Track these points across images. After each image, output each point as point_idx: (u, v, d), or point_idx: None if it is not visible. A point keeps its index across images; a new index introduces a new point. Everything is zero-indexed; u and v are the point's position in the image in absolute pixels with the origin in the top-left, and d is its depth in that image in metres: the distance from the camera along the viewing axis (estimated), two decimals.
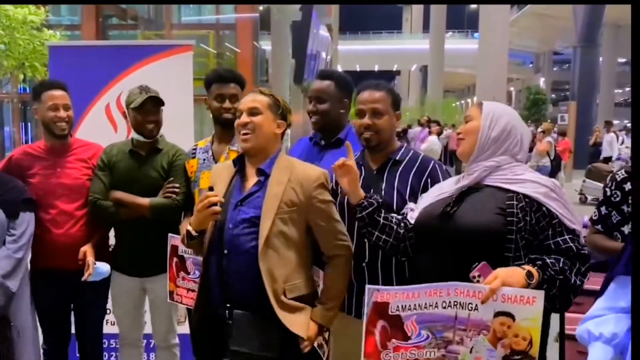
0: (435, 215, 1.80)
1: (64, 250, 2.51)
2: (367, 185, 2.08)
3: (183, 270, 2.47)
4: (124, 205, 2.55)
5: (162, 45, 3.36)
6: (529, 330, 1.50)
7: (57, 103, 2.56)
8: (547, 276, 1.59)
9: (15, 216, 2.40)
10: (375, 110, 2.09)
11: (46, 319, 2.64)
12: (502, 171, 1.78)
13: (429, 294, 1.57)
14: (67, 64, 3.18)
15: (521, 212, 1.67)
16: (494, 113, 1.82)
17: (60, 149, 2.63)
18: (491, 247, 1.66)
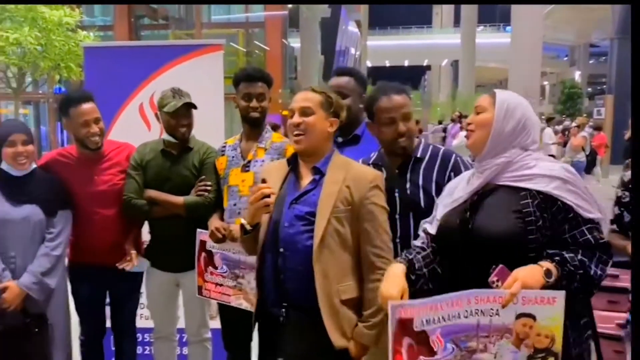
0: (453, 227, 1.75)
1: (105, 250, 2.58)
2: (391, 187, 2.05)
3: (211, 265, 2.51)
4: (157, 204, 2.61)
5: (193, 45, 3.40)
6: (550, 329, 1.50)
7: (88, 119, 2.55)
8: (566, 271, 1.56)
9: (53, 214, 2.48)
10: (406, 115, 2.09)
11: (83, 311, 2.73)
12: (512, 167, 1.71)
13: (451, 305, 1.56)
14: (101, 64, 3.24)
15: (538, 210, 1.63)
16: (508, 104, 1.74)
17: (94, 158, 2.65)
18: (513, 251, 1.62)
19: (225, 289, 2.48)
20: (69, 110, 2.56)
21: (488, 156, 1.74)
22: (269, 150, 2.50)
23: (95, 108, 2.59)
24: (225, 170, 2.57)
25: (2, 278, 2.36)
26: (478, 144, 1.77)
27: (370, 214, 1.88)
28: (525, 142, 1.74)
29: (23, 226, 2.41)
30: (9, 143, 2.40)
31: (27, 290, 2.37)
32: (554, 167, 1.70)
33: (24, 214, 2.41)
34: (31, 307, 2.41)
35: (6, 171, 2.44)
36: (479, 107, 1.80)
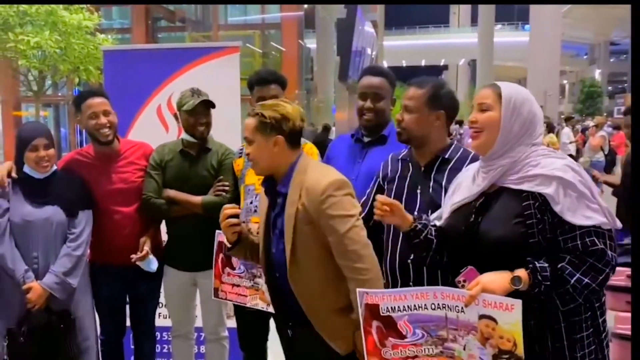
0: (459, 230, 1.77)
1: (125, 249, 2.61)
2: (414, 183, 2.06)
3: (229, 266, 2.51)
4: (175, 203, 2.64)
5: (210, 47, 3.43)
6: (511, 333, 1.54)
7: (96, 111, 2.60)
8: (537, 280, 1.57)
9: (74, 215, 2.53)
10: (407, 107, 2.06)
11: (104, 310, 2.77)
12: (517, 167, 1.68)
13: (416, 297, 1.65)
14: (120, 67, 3.29)
15: (539, 212, 1.62)
16: (514, 101, 1.68)
17: (111, 155, 2.69)
18: (516, 255, 1.63)
19: (242, 289, 2.49)
20: (81, 105, 2.63)
21: (494, 156, 1.72)
22: None
23: (105, 102, 2.64)
24: (242, 170, 2.60)
25: (26, 279, 2.41)
26: (486, 145, 1.72)
27: (329, 227, 1.83)
28: (531, 138, 1.71)
29: (45, 227, 2.46)
30: (32, 148, 2.44)
31: (49, 290, 2.42)
32: (556, 164, 1.64)
33: (45, 215, 2.46)
34: (55, 305, 2.46)
35: (28, 174, 2.49)
36: (483, 104, 1.72)
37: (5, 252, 2.40)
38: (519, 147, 1.69)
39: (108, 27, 15.82)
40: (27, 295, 2.39)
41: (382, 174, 2.20)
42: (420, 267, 2.01)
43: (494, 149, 1.71)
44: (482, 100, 1.73)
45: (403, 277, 2.05)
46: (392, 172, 2.16)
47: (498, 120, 1.69)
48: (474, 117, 1.75)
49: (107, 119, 2.61)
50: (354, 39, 20.55)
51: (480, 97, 1.76)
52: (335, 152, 2.64)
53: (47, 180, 2.51)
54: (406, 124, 2.05)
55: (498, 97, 1.70)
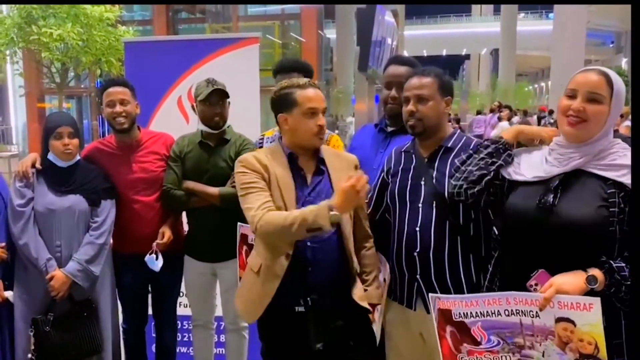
0: (532, 206, 1.66)
1: (147, 238, 2.64)
2: (418, 174, 2.05)
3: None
4: (195, 195, 2.66)
5: (230, 38, 3.43)
6: (591, 335, 1.48)
7: (113, 99, 2.64)
8: (614, 280, 1.52)
9: (97, 204, 2.57)
10: (420, 96, 2.03)
11: (126, 299, 2.81)
12: (602, 154, 1.63)
13: (488, 303, 1.61)
14: (141, 59, 3.31)
15: (623, 202, 1.56)
16: (621, 96, 1.61)
17: (132, 144, 2.74)
18: (592, 241, 1.57)
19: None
20: (103, 94, 2.69)
21: (585, 144, 1.65)
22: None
23: (125, 91, 2.67)
24: None
25: (49, 268, 2.45)
26: (587, 136, 1.64)
27: None
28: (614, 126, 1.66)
29: (68, 216, 2.50)
30: (57, 135, 2.49)
31: (72, 277, 2.46)
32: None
33: (68, 203, 2.50)
34: (77, 294, 2.51)
35: (52, 161, 2.54)
36: (595, 94, 1.62)
37: (29, 241, 2.44)
38: (607, 137, 1.65)
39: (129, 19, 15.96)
40: (50, 283, 2.44)
41: (386, 167, 2.18)
42: (426, 260, 1.99)
43: (593, 140, 1.64)
44: (595, 90, 1.62)
45: (410, 270, 2.04)
46: (396, 166, 2.15)
47: (607, 115, 1.62)
48: (581, 105, 1.62)
49: (123, 108, 2.65)
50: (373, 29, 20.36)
51: (592, 85, 1.63)
52: (359, 141, 2.63)
53: (71, 169, 2.55)
54: (423, 114, 2.02)
55: (610, 90, 1.62)
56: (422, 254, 2.00)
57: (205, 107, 2.64)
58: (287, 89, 2.03)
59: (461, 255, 1.98)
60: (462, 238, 1.98)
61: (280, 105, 2.04)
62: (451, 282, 1.98)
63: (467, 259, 1.98)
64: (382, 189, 2.18)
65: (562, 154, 1.68)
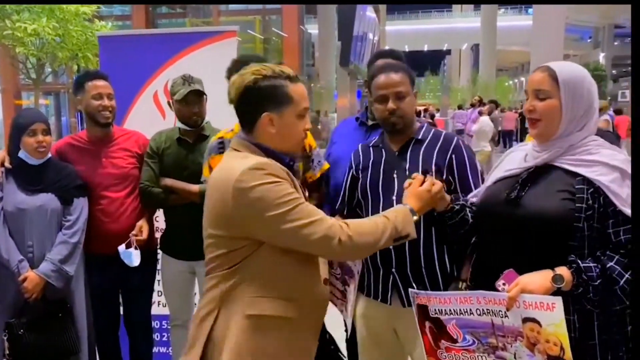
0: (500, 199, 1.68)
1: (116, 238, 2.58)
2: (390, 167, 2.02)
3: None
4: (173, 192, 2.60)
5: (207, 32, 3.37)
6: (556, 336, 1.46)
7: (101, 92, 2.60)
8: (581, 280, 1.50)
9: (69, 202, 2.50)
10: (399, 94, 1.99)
11: (97, 301, 2.72)
12: (574, 150, 1.62)
13: (460, 301, 1.60)
14: (116, 53, 3.24)
15: (591, 198, 1.55)
16: (573, 83, 1.61)
17: (104, 139, 2.69)
18: (558, 235, 1.56)
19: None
20: (85, 84, 2.62)
21: (553, 140, 1.65)
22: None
23: (110, 86, 2.65)
24: None
25: (21, 269, 2.38)
26: (546, 134, 1.65)
27: None
28: (590, 122, 1.64)
29: (39, 215, 2.43)
30: (30, 132, 2.42)
31: (46, 278, 2.39)
32: (618, 157, 1.59)
33: (39, 202, 2.43)
34: (51, 295, 2.44)
35: (23, 159, 2.46)
36: (541, 91, 1.63)
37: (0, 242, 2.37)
38: (579, 133, 1.63)
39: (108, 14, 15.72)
40: (23, 285, 2.36)
41: (354, 163, 2.15)
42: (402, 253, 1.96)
43: (555, 137, 1.64)
44: (538, 87, 1.63)
45: (385, 264, 2.01)
46: (365, 160, 2.11)
47: (559, 108, 1.61)
48: (532, 105, 1.64)
49: (111, 102, 2.63)
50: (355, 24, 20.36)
51: (535, 83, 1.65)
52: (340, 135, 2.61)
53: (42, 167, 2.49)
54: (403, 111, 1.99)
55: (555, 82, 1.61)
56: (398, 247, 1.95)
57: (182, 106, 2.59)
58: (273, 80, 1.58)
59: (435, 247, 1.97)
60: (436, 229, 1.97)
61: (264, 101, 1.58)
62: (426, 273, 1.96)
63: (441, 250, 1.97)
64: (353, 185, 2.14)
65: (537, 150, 1.70)
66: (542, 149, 1.68)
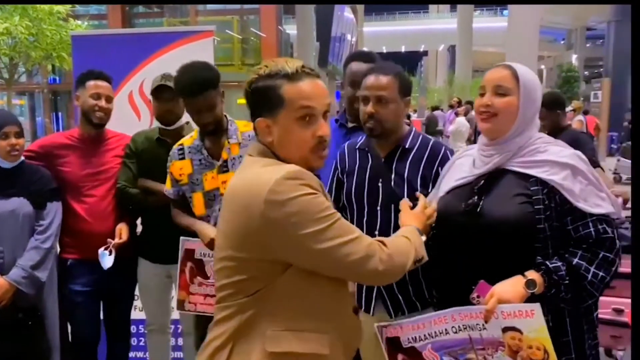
0: (458, 210, 1.67)
1: (99, 240, 2.53)
2: (375, 175, 1.99)
3: (200, 275, 2.38)
4: (151, 193, 2.56)
5: (183, 32, 3.34)
6: (539, 341, 1.47)
7: (100, 92, 2.58)
8: (552, 281, 1.52)
9: (42, 206, 2.44)
10: (381, 97, 1.91)
11: (76, 306, 2.67)
12: (523, 151, 1.64)
13: (434, 323, 1.58)
14: (89, 53, 3.19)
15: (547, 198, 1.57)
16: (531, 86, 1.64)
17: (96, 139, 2.66)
18: (521, 239, 1.58)
19: None
20: (87, 81, 2.59)
21: (502, 141, 1.66)
22: (243, 143, 2.35)
23: (111, 88, 2.65)
24: (190, 176, 2.36)
25: None
26: (499, 130, 1.65)
27: None
28: (535, 122, 1.67)
29: (11, 220, 2.37)
30: (3, 135, 2.36)
31: (16, 284, 2.33)
32: (565, 152, 1.62)
33: (12, 207, 2.37)
34: (22, 302, 2.37)
35: None
36: (501, 86, 1.64)
37: None
38: (526, 133, 1.65)
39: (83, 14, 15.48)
40: None
41: (340, 166, 2.11)
42: None
43: (508, 134, 1.65)
44: (500, 83, 1.64)
45: None
46: (351, 164, 2.07)
47: (517, 105, 1.63)
48: (489, 99, 1.65)
49: (108, 105, 2.60)
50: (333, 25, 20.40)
51: (496, 79, 1.66)
52: None
53: (15, 171, 2.43)
54: (382, 117, 1.92)
55: (516, 81, 1.64)
56: None
57: (155, 102, 2.57)
58: (268, 80, 1.38)
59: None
60: None
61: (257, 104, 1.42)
62: (410, 282, 1.94)
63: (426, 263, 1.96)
64: (338, 187, 2.12)
65: (485, 155, 1.70)
66: (489, 153, 1.68)
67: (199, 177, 2.35)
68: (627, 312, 2.84)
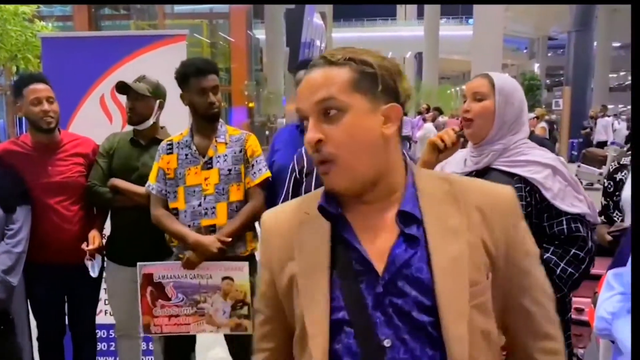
0: None
1: (60, 248, 2.51)
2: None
3: (162, 298, 2.39)
4: (121, 193, 2.56)
5: (156, 35, 3.34)
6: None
7: (40, 96, 2.50)
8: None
9: (12, 210, 2.40)
10: None
11: (42, 311, 2.64)
12: (508, 152, 1.76)
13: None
14: (59, 55, 3.15)
15: (529, 195, 1.69)
16: (507, 91, 1.76)
17: (49, 145, 2.58)
18: None
19: (182, 318, 2.36)
20: (23, 90, 2.51)
21: (486, 143, 1.77)
22: (229, 144, 2.42)
23: (49, 89, 2.55)
24: (176, 170, 2.41)
25: None
26: (479, 134, 1.77)
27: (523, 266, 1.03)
28: (520, 126, 1.78)
29: None
30: None
31: None
32: (547, 155, 1.75)
33: None
34: None
35: None
36: (478, 93, 1.77)
37: None
38: (510, 136, 1.76)
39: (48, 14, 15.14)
40: None
41: (298, 167, 2.16)
42: None
43: (488, 137, 1.76)
44: (477, 90, 1.78)
45: None
46: (309, 165, 2.13)
47: (492, 110, 1.75)
48: (468, 106, 1.78)
49: (52, 107, 2.52)
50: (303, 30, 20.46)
51: (474, 87, 1.79)
52: (281, 143, 2.60)
53: None
54: None
55: (492, 87, 1.76)
56: None
57: (127, 102, 2.60)
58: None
59: None
60: None
61: None
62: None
63: None
64: (296, 188, 2.15)
65: (474, 155, 1.82)
66: (478, 153, 1.80)
67: (182, 171, 2.40)
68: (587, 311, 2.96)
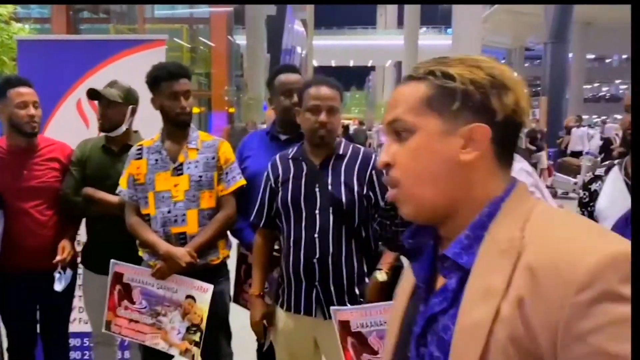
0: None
1: (33, 254, 2.45)
2: (312, 181, 2.05)
3: (127, 299, 2.35)
4: (95, 203, 2.52)
5: (135, 40, 3.31)
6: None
7: (27, 100, 2.46)
8: None
9: None
10: (332, 108, 2.03)
11: (13, 319, 2.58)
12: None
13: (379, 312, 1.73)
14: (36, 58, 3.10)
15: None
16: None
17: (27, 149, 2.54)
18: None
19: (141, 326, 2.33)
20: (7, 91, 2.46)
21: None
22: (201, 150, 2.37)
23: (35, 93, 2.51)
24: (146, 175, 2.36)
25: None
26: None
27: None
28: None
29: None
30: None
31: None
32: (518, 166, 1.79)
33: None
34: None
35: None
36: None
37: None
38: None
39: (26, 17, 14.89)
40: None
41: (273, 176, 2.14)
42: (325, 266, 2.01)
43: None
44: None
45: (307, 278, 2.03)
46: (285, 173, 2.12)
47: None
48: None
49: (37, 112, 2.48)
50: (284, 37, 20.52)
51: None
52: (250, 150, 2.56)
53: None
54: (333, 126, 2.05)
55: None
56: (322, 260, 2.00)
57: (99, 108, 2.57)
58: None
59: (355, 258, 2.03)
60: (355, 240, 2.04)
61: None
62: (347, 284, 2.02)
63: (360, 260, 2.04)
64: (271, 197, 2.14)
65: None
66: None
67: (152, 177, 2.35)
68: None
